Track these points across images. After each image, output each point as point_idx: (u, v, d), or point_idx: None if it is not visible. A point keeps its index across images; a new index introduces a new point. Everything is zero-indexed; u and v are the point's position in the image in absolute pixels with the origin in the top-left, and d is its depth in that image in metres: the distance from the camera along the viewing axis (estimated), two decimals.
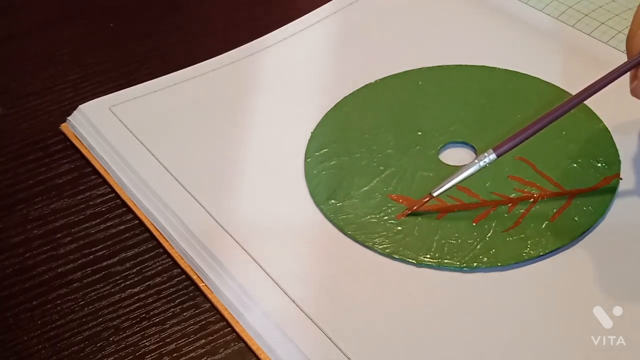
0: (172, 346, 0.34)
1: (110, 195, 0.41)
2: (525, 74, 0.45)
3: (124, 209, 0.40)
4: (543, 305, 0.33)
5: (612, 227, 0.36)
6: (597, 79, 0.36)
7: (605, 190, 0.37)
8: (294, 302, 0.34)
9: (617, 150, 0.40)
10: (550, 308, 0.33)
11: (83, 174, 0.42)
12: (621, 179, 0.38)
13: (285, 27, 0.50)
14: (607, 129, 0.41)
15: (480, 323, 0.33)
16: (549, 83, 0.44)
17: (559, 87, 0.44)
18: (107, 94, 0.46)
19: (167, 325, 0.35)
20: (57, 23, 0.54)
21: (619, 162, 0.39)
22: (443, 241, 0.36)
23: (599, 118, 0.41)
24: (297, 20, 0.51)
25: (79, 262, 0.38)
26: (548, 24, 0.49)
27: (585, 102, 0.42)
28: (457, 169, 0.39)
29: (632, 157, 0.39)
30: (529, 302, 0.33)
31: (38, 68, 0.51)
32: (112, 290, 0.36)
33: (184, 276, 0.37)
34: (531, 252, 0.35)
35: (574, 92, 0.43)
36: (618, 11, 0.48)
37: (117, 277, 0.37)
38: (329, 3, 0.52)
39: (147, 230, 0.39)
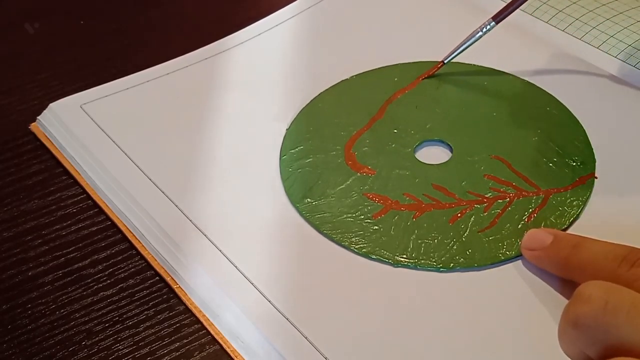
0: (146, 350, 0.33)
1: (82, 196, 0.40)
2: (502, 71, 0.45)
3: (95, 210, 0.39)
4: (520, 306, 0.33)
5: (587, 227, 0.36)
6: None
7: (580, 190, 0.37)
8: (270, 302, 0.34)
9: (592, 149, 0.40)
10: (528, 309, 0.33)
11: (53, 174, 0.42)
12: (596, 178, 0.38)
13: (258, 23, 0.50)
14: (582, 128, 0.41)
15: (458, 324, 0.32)
16: (525, 80, 0.44)
17: (534, 85, 0.44)
18: (77, 92, 0.45)
19: (141, 329, 0.34)
20: (26, 20, 0.53)
21: (594, 161, 0.39)
22: (420, 241, 0.36)
23: (575, 117, 0.41)
24: (271, 15, 0.50)
25: (50, 264, 0.37)
26: (523, 19, 0.48)
27: (561, 101, 0.42)
28: (432, 167, 0.39)
29: (608, 157, 0.39)
30: (506, 302, 0.33)
31: (6, 66, 0.50)
32: (84, 293, 0.36)
33: (157, 278, 0.36)
34: (507, 252, 0.35)
35: (550, 91, 0.43)
36: (592, 7, 0.48)
37: (89, 280, 0.36)
38: None
39: (120, 231, 0.38)
